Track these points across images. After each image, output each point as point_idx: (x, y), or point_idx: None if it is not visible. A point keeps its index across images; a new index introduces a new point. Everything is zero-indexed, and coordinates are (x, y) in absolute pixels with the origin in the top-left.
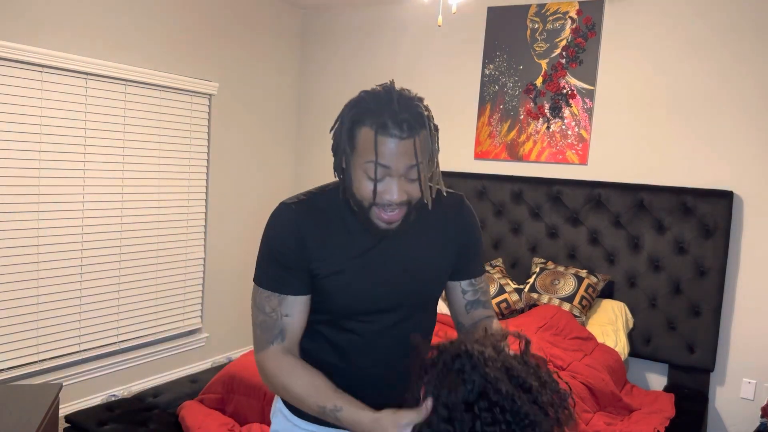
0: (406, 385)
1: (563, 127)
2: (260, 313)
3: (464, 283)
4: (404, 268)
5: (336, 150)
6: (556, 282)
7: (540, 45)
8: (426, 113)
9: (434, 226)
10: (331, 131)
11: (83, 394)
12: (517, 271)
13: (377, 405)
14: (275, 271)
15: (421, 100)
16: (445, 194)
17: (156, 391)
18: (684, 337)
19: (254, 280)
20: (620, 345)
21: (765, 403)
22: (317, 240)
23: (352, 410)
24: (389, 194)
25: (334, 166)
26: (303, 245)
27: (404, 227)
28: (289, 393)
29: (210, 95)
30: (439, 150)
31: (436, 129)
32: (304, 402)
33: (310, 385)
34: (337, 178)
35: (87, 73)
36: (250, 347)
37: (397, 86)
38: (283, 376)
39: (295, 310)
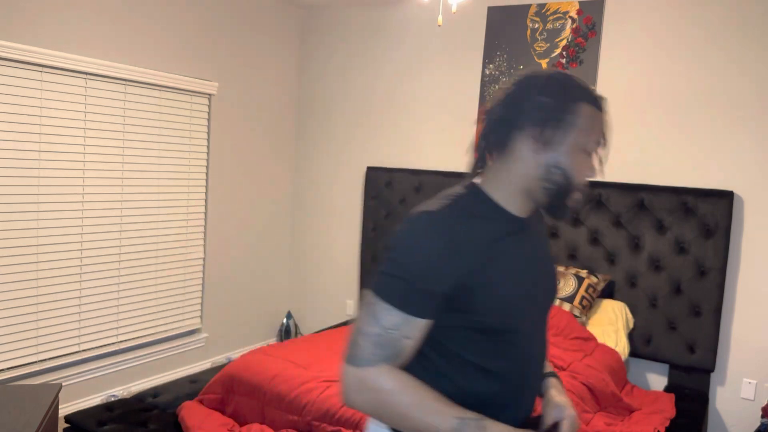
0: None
1: None
2: (376, 325)
3: None
4: (541, 268)
5: (543, 124)
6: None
7: (540, 45)
8: None
9: (541, 221)
10: (504, 101)
11: (83, 394)
12: None
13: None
14: (409, 288)
15: None
16: None
17: (156, 392)
18: (684, 337)
19: (374, 288)
20: (620, 345)
21: (765, 403)
22: (473, 249)
23: (497, 424)
24: (593, 171)
25: (498, 143)
26: (457, 259)
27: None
28: (410, 410)
29: (210, 95)
30: None
31: None
32: (431, 417)
33: (438, 399)
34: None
35: (87, 73)
36: (250, 347)
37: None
38: (406, 392)
39: (419, 334)
